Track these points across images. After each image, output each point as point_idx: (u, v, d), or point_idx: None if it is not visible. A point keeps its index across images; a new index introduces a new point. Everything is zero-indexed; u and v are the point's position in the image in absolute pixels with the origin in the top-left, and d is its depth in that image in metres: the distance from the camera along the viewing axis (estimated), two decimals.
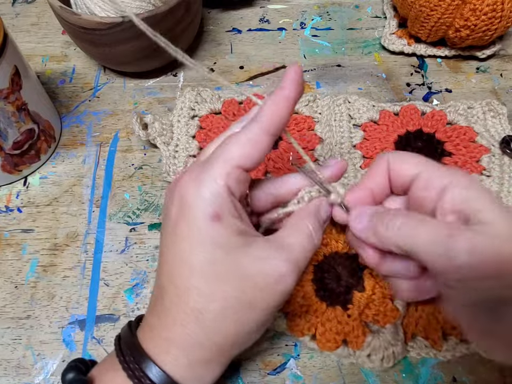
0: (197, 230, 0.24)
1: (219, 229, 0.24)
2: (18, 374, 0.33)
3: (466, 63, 0.50)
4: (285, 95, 0.24)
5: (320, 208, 0.27)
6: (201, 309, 0.24)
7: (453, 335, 0.33)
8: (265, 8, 0.55)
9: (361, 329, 0.33)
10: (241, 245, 0.24)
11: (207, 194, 0.24)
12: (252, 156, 0.24)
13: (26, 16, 0.54)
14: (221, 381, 0.32)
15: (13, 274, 0.37)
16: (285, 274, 0.24)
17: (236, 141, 0.24)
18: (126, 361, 0.24)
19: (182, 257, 0.24)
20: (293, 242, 0.26)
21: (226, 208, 0.24)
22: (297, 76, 0.24)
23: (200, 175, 0.24)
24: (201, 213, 0.23)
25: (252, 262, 0.24)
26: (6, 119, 0.36)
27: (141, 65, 0.47)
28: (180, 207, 0.24)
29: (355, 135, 0.43)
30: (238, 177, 0.24)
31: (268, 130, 0.24)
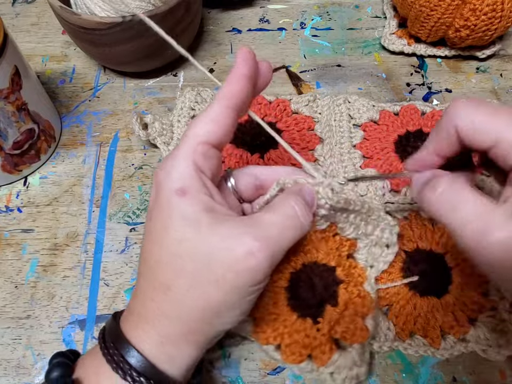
0: (166, 207, 0.24)
1: (186, 204, 0.24)
2: (18, 374, 0.33)
3: (466, 63, 0.50)
4: (236, 73, 0.25)
5: (302, 189, 0.27)
6: (170, 284, 0.24)
7: (451, 334, 0.33)
8: (265, 8, 0.55)
9: (328, 346, 0.31)
10: (211, 223, 0.24)
11: (174, 173, 0.25)
12: (216, 130, 0.25)
13: (26, 16, 0.54)
14: (221, 381, 0.32)
15: (13, 274, 0.37)
16: (254, 251, 0.23)
17: (199, 120, 0.25)
18: (109, 354, 0.24)
19: (154, 236, 0.25)
20: (270, 220, 0.25)
21: (194, 184, 0.24)
22: (245, 54, 0.26)
23: (169, 157, 0.25)
24: (168, 190, 0.24)
25: (221, 239, 0.24)
26: (6, 119, 0.36)
27: (141, 65, 0.47)
28: (154, 191, 0.25)
29: (355, 135, 0.43)
30: (204, 152, 0.25)
31: (226, 105, 0.25)
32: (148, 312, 0.25)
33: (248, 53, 0.26)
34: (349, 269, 0.33)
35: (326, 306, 0.32)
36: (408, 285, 0.34)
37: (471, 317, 0.33)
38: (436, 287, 0.34)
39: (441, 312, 0.33)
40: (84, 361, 0.26)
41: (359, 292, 0.33)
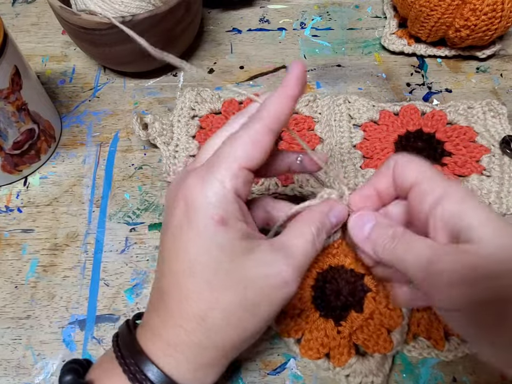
0: (202, 234, 0.23)
1: (224, 233, 0.23)
2: (18, 374, 0.33)
3: (466, 63, 0.50)
4: (288, 93, 0.24)
5: (330, 211, 0.27)
6: (204, 315, 0.24)
7: (455, 335, 0.33)
8: (265, 8, 0.55)
9: (347, 349, 0.32)
10: (246, 249, 0.24)
11: (213, 198, 0.23)
12: (256, 155, 0.24)
13: (26, 16, 0.54)
14: (221, 381, 0.32)
15: (13, 274, 0.37)
16: (288, 280, 0.24)
17: (239, 141, 0.24)
18: (126, 363, 0.24)
19: (186, 261, 0.24)
20: (296, 247, 0.25)
21: (232, 212, 0.24)
22: (301, 74, 0.24)
23: (206, 177, 0.24)
24: (206, 217, 0.23)
25: (256, 267, 0.24)
26: (6, 119, 0.36)
27: (141, 65, 0.47)
28: (185, 210, 0.24)
29: (355, 135, 0.43)
30: (244, 178, 0.24)
31: (270, 128, 0.24)
32: (179, 341, 0.24)
33: (303, 71, 0.24)
34: (380, 281, 0.33)
35: (351, 312, 0.33)
36: None
37: None
38: None
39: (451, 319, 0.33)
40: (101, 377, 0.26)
41: (388, 303, 0.33)
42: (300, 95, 0.25)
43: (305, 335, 0.32)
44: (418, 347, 0.33)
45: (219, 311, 0.24)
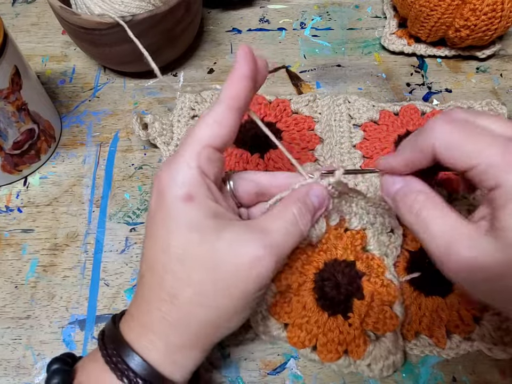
0: (171, 213, 0.24)
1: (192, 209, 0.24)
2: (18, 374, 0.33)
3: (466, 63, 0.50)
4: (239, 73, 0.25)
5: (310, 191, 0.27)
6: (177, 293, 0.24)
7: (457, 333, 0.33)
8: (265, 8, 0.55)
9: (362, 338, 0.32)
10: (216, 228, 0.24)
11: (179, 177, 0.24)
12: (220, 133, 0.25)
13: (26, 16, 0.54)
14: (221, 380, 0.32)
15: (13, 274, 0.37)
16: (260, 257, 0.24)
17: (202, 122, 0.25)
18: (108, 354, 0.24)
19: (159, 243, 0.24)
20: (273, 226, 0.25)
21: (199, 189, 0.24)
22: (245, 53, 0.25)
23: (172, 161, 0.25)
24: (173, 195, 0.24)
25: (227, 245, 0.24)
26: (6, 119, 0.36)
27: (141, 65, 0.47)
28: (156, 196, 0.25)
29: (355, 135, 0.43)
30: (208, 156, 0.25)
31: (230, 106, 0.25)
32: (154, 321, 0.25)
33: (248, 52, 0.25)
34: (367, 261, 0.34)
35: (354, 301, 0.33)
36: (412, 285, 0.34)
37: (476, 316, 0.33)
38: (440, 286, 0.34)
39: (446, 311, 0.33)
40: (84, 366, 0.26)
41: (382, 281, 0.33)
42: (252, 72, 0.25)
43: (319, 339, 0.32)
44: (420, 345, 0.33)
45: (191, 288, 0.24)
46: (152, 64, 0.29)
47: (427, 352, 0.33)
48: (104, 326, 0.27)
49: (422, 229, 0.25)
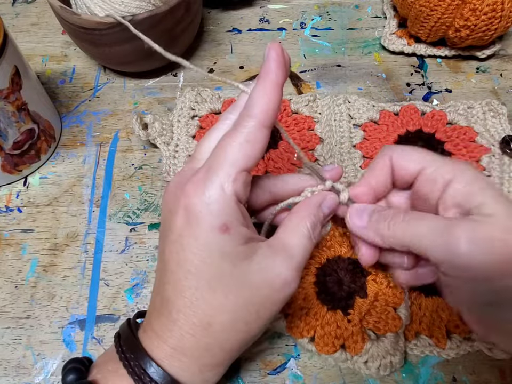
0: (205, 243, 0.23)
1: (227, 240, 0.23)
2: (18, 374, 0.33)
3: (466, 63, 0.50)
4: (273, 82, 0.22)
5: (323, 202, 0.27)
6: (211, 320, 0.24)
7: (457, 333, 0.33)
8: (265, 8, 0.55)
9: (360, 335, 0.32)
10: (247, 254, 0.24)
11: (214, 205, 0.23)
12: (253, 154, 0.23)
13: (26, 16, 0.54)
14: (221, 381, 0.32)
15: (13, 274, 0.37)
16: (290, 281, 0.25)
17: (235, 143, 0.23)
18: (130, 365, 0.24)
19: (190, 269, 0.24)
20: (294, 245, 0.25)
21: (234, 217, 0.23)
22: (280, 57, 0.22)
23: (205, 184, 0.23)
24: (209, 224, 0.23)
25: (258, 271, 0.24)
26: (6, 119, 0.36)
27: (141, 65, 0.47)
28: (185, 217, 0.23)
29: (355, 135, 0.43)
30: (243, 181, 0.24)
31: (263, 124, 0.23)
32: (186, 346, 0.25)
33: (281, 53, 0.22)
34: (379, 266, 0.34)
35: (356, 298, 0.33)
36: None
37: None
38: None
39: (446, 311, 0.33)
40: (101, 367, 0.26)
41: (389, 282, 0.33)
42: (285, 79, 0.23)
43: (317, 331, 0.33)
44: (420, 345, 0.33)
45: (225, 316, 0.24)
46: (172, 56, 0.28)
47: (427, 352, 0.33)
48: (120, 332, 0.27)
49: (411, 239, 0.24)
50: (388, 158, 0.27)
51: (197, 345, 0.25)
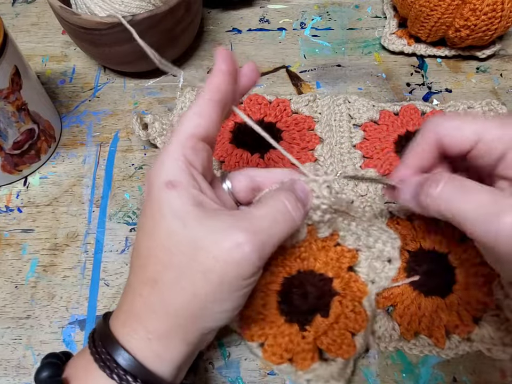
0: (156, 201, 0.24)
1: (175, 197, 0.24)
2: (19, 374, 0.33)
3: (466, 63, 0.50)
4: (216, 69, 0.27)
5: (294, 185, 0.27)
6: (157, 277, 0.24)
7: (456, 334, 0.33)
8: (265, 8, 0.55)
9: (310, 354, 0.31)
10: (200, 216, 0.24)
11: (163, 168, 0.25)
12: (202, 124, 0.26)
13: (26, 16, 0.54)
14: (221, 381, 0.32)
15: (13, 274, 0.37)
16: (240, 243, 0.23)
17: (184, 116, 0.26)
18: (97, 352, 0.24)
19: (146, 231, 0.25)
20: (259, 214, 0.25)
21: (183, 177, 0.24)
22: (224, 53, 0.27)
23: (159, 155, 0.26)
24: (158, 184, 0.24)
25: (208, 232, 0.24)
26: (6, 119, 0.36)
27: (141, 65, 0.47)
28: (147, 188, 0.26)
29: (355, 135, 0.43)
30: (193, 146, 0.25)
31: (209, 98, 0.26)
32: (135, 307, 0.25)
33: (225, 52, 0.27)
34: (348, 282, 0.33)
35: (316, 316, 0.32)
36: (412, 285, 0.34)
37: (475, 316, 0.33)
38: (440, 286, 0.34)
39: (446, 311, 0.33)
40: (74, 361, 0.26)
41: (354, 307, 0.32)
42: (231, 68, 0.27)
43: (268, 340, 0.32)
44: (419, 345, 0.33)
45: (170, 273, 0.24)
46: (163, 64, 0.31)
47: (426, 352, 0.33)
48: (96, 323, 0.28)
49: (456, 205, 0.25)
50: (433, 135, 0.26)
51: (143, 304, 0.24)
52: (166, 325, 0.24)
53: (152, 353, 0.24)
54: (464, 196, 0.24)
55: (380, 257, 0.33)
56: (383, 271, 0.33)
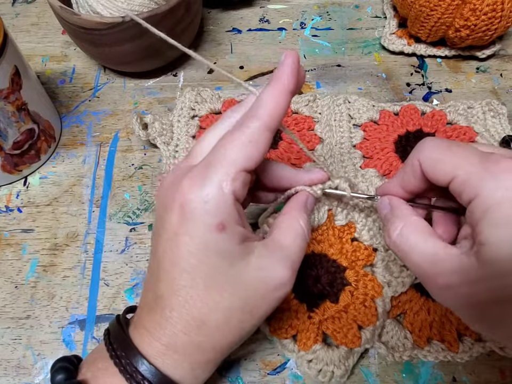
0: (201, 240, 0.23)
1: (223, 239, 0.23)
2: (19, 374, 0.33)
3: (466, 63, 0.50)
4: (284, 87, 0.23)
5: (307, 201, 0.28)
6: (205, 319, 0.24)
7: (467, 335, 0.33)
8: (265, 8, 0.55)
9: (314, 335, 0.32)
10: (243, 253, 0.24)
11: (211, 203, 0.22)
12: (254, 156, 0.23)
13: (26, 16, 0.54)
14: (221, 381, 0.32)
15: (13, 274, 0.37)
16: (286, 282, 0.25)
17: (237, 142, 0.23)
18: (121, 363, 0.24)
19: (185, 267, 0.23)
20: (289, 245, 0.26)
21: (231, 217, 0.23)
22: (295, 64, 0.23)
23: (203, 181, 0.23)
24: (205, 223, 0.22)
25: (254, 271, 0.24)
26: (6, 119, 0.36)
27: (141, 65, 0.47)
28: (181, 214, 0.23)
29: (355, 135, 0.43)
30: (242, 181, 0.23)
31: (267, 126, 0.23)
32: (179, 343, 0.25)
33: (296, 61, 0.23)
34: (362, 277, 0.33)
35: (326, 301, 0.33)
36: (419, 290, 0.34)
37: None
38: None
39: (455, 314, 0.33)
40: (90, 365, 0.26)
41: (365, 301, 0.33)
42: (297, 88, 0.23)
43: (276, 313, 0.32)
44: (433, 351, 0.32)
45: (219, 315, 0.24)
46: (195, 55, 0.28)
47: (441, 357, 0.32)
48: (110, 329, 0.27)
49: (402, 256, 0.25)
50: (416, 162, 0.25)
51: (190, 343, 0.24)
52: (210, 357, 0.25)
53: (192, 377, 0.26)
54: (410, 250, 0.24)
55: (396, 260, 0.33)
56: (400, 276, 0.33)
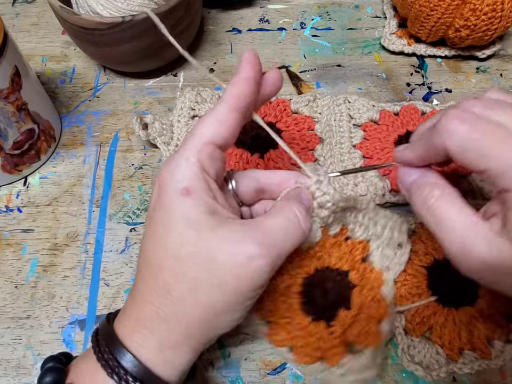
0: (170, 209, 0.24)
1: (190, 204, 0.24)
2: (19, 374, 0.33)
3: (466, 63, 0.50)
4: (243, 75, 0.26)
5: (300, 194, 0.28)
6: (170, 289, 0.24)
7: (496, 339, 0.32)
8: (265, 8, 0.55)
9: (340, 348, 0.31)
10: (213, 225, 0.24)
11: (178, 173, 0.24)
12: (222, 131, 0.25)
13: (26, 16, 0.54)
14: (221, 381, 0.32)
15: (13, 274, 0.37)
16: (255, 256, 0.23)
17: (205, 120, 0.25)
18: (100, 351, 0.24)
19: (157, 239, 0.24)
20: (272, 225, 0.25)
21: (198, 184, 0.24)
22: (250, 57, 0.26)
23: (173, 158, 0.25)
24: (172, 190, 0.24)
25: (222, 243, 0.24)
26: (6, 119, 0.36)
27: (141, 65, 0.47)
28: (156, 192, 0.25)
29: (355, 135, 0.43)
30: (210, 153, 0.25)
31: (232, 107, 0.25)
32: (146, 316, 0.25)
33: (253, 56, 0.26)
34: (363, 273, 0.33)
35: (340, 310, 0.32)
36: (441, 303, 0.34)
37: (509, 315, 0.32)
38: (466, 295, 0.33)
39: (480, 319, 0.32)
40: (78, 365, 0.26)
41: (374, 295, 0.33)
42: (256, 76, 0.26)
43: (297, 341, 0.32)
44: (467, 362, 0.32)
45: (184, 285, 0.24)
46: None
47: (476, 367, 0.31)
48: (99, 324, 0.27)
49: (435, 223, 0.25)
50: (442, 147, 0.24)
51: (154, 313, 0.24)
52: (178, 334, 0.25)
53: (162, 360, 0.25)
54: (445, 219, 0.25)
55: (390, 244, 0.33)
56: (396, 257, 0.34)
